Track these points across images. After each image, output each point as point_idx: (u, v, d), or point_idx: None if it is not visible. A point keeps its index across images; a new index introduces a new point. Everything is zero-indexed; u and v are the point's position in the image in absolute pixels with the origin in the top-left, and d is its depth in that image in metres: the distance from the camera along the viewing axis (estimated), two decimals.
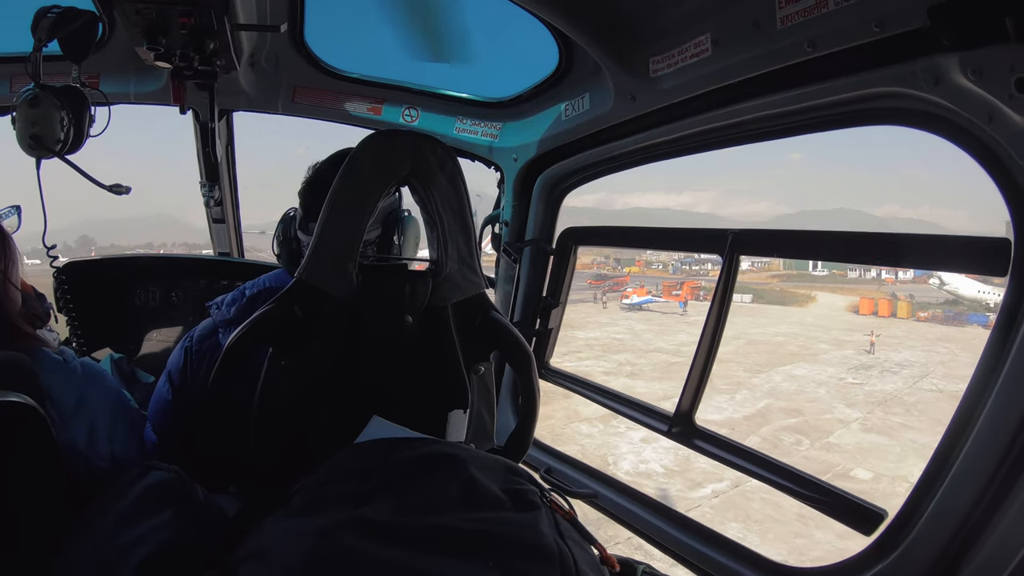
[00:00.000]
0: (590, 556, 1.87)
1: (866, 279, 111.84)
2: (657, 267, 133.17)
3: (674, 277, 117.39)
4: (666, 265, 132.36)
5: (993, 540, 2.31)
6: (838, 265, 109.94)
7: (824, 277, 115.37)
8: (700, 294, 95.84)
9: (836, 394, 49.86)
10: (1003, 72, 2.00)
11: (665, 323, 77.44)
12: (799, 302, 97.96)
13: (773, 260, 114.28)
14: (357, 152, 2.40)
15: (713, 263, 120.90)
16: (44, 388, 2.17)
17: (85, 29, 3.14)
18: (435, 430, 2.53)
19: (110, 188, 3.41)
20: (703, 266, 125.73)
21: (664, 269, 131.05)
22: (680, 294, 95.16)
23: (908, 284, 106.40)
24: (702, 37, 2.91)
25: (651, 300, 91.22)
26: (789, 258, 3.27)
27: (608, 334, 68.20)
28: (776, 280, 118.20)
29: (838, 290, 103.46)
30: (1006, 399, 2.28)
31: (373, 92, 4.79)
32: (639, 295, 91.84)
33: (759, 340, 66.11)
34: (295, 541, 1.65)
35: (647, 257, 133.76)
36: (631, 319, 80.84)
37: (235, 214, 5.88)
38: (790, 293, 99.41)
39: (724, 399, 44.69)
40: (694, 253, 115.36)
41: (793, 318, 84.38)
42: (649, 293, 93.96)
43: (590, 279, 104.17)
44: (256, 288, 2.90)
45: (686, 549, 3.57)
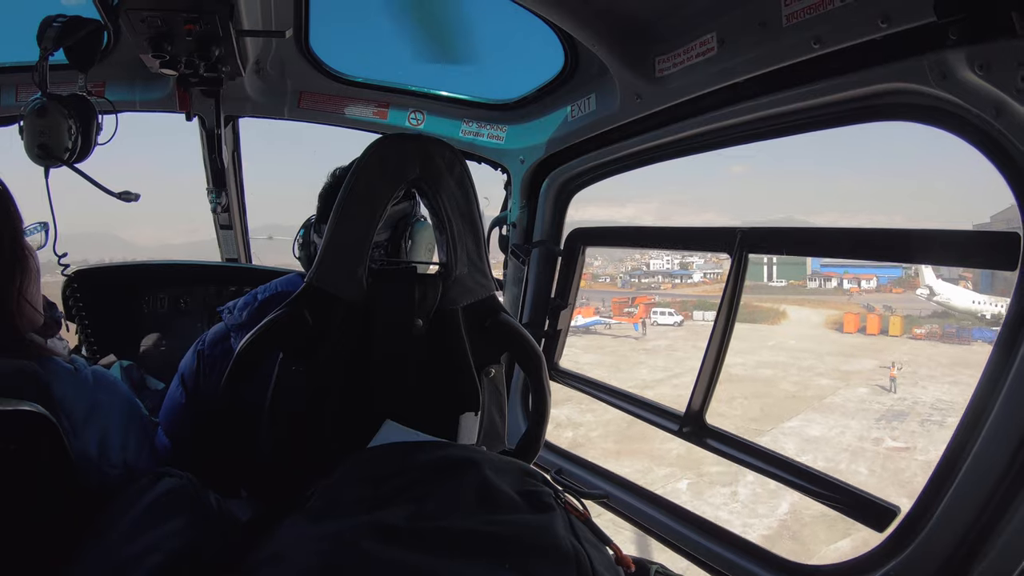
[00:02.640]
0: (605, 557, 1.87)
1: (827, 289, 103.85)
2: (605, 280, 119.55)
3: (623, 292, 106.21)
4: (614, 278, 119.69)
5: (1006, 536, 2.30)
6: (793, 274, 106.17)
7: (783, 288, 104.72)
8: (655, 313, 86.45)
9: (884, 472, 38.80)
10: (1010, 66, 2.00)
11: (619, 352, 67.27)
12: (769, 318, 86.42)
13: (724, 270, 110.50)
14: (365, 156, 2.40)
15: (664, 275, 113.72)
16: (56, 398, 2.17)
17: (91, 38, 3.16)
18: (447, 433, 2.53)
19: (119, 195, 3.43)
20: (654, 278, 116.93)
21: (612, 282, 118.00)
22: (635, 313, 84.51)
23: (874, 294, 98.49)
24: (708, 36, 2.90)
25: (599, 322, 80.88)
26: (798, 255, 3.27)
27: None
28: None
29: (805, 303, 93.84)
30: (1017, 396, 2.27)
31: (378, 96, 4.81)
32: (584, 315, 78.02)
33: (742, 376, 55.19)
34: (311, 546, 1.65)
35: (592, 270, 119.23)
36: (574, 347, 62.53)
37: (242, 220, 5.89)
38: (755, 308, 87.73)
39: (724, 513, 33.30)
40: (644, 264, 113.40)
41: (771, 340, 72.46)
42: (597, 312, 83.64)
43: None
44: (268, 292, 2.91)
45: (698, 548, 3.57)
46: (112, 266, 5.01)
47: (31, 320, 2.34)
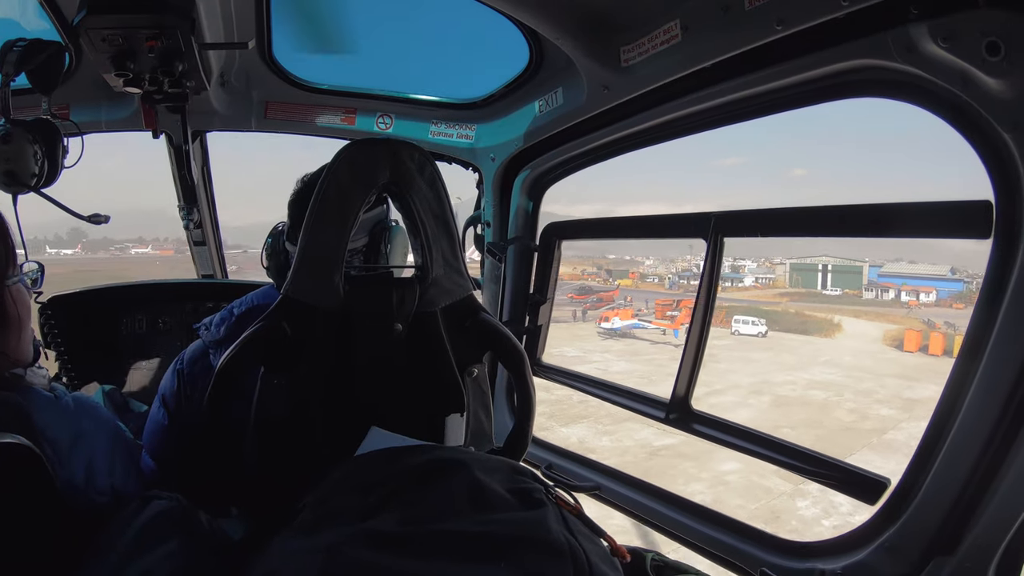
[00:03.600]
0: (601, 549, 1.87)
1: (884, 300, 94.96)
2: (653, 280, 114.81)
3: (670, 293, 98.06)
4: (663, 279, 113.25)
5: (996, 501, 2.33)
6: (849, 282, 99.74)
7: (837, 297, 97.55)
8: (737, 321, 76.61)
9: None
10: (974, 37, 2.02)
11: (656, 360, 57.67)
12: (822, 330, 78.13)
13: (778, 276, 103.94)
14: (335, 163, 2.39)
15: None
16: (38, 427, 2.14)
17: (52, 60, 3.12)
18: (433, 436, 2.53)
19: (88, 218, 3.39)
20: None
21: (661, 283, 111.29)
22: (676, 317, 72.29)
23: (933, 308, 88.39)
24: (671, 23, 2.91)
25: (638, 325, 72.65)
26: (772, 236, 3.27)
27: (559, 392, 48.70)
28: (786, 299, 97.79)
29: (861, 314, 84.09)
30: (998, 360, 2.30)
31: (345, 102, 4.80)
32: (622, 318, 72.94)
33: (791, 399, 47.81)
34: (306, 560, 1.64)
35: (643, 269, 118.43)
36: (609, 352, 62.91)
37: (215, 235, 5.86)
38: (808, 317, 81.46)
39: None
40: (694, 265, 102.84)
41: (824, 355, 63.26)
42: (636, 315, 75.61)
43: (573, 292, 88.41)
44: (244, 306, 2.88)
45: (692, 533, 3.59)
46: (86, 290, 4.95)
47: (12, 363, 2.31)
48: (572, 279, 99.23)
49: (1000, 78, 2.03)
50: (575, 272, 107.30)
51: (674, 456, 32.77)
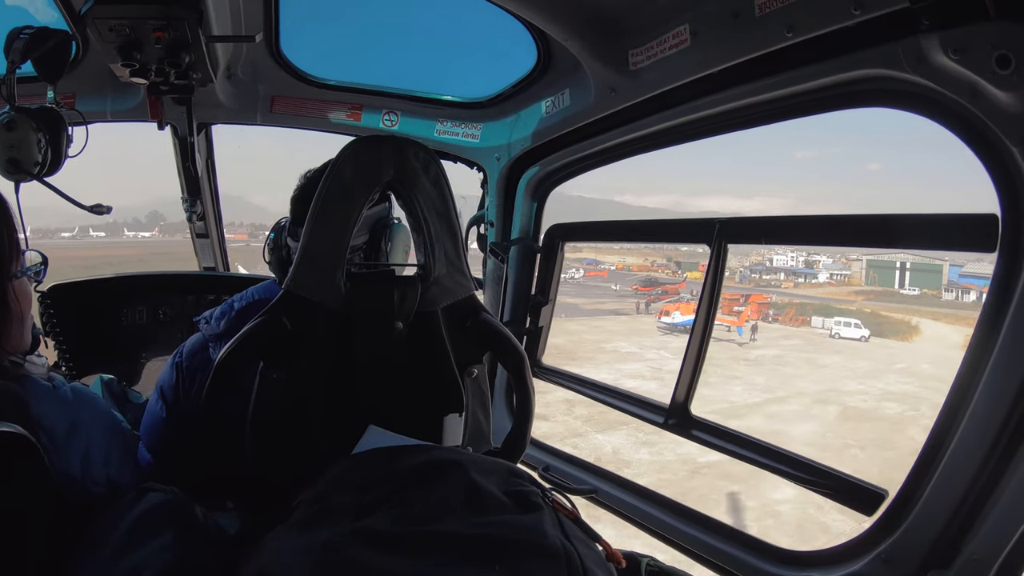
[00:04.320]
0: (596, 554, 1.86)
1: (966, 303, 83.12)
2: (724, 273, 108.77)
3: (740, 287, 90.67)
4: (734, 272, 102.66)
5: (995, 514, 2.33)
6: (928, 282, 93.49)
7: (916, 297, 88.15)
8: (770, 313, 75.16)
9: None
10: (984, 50, 2.02)
11: (714, 360, 48.40)
12: (899, 332, 70.03)
13: (854, 272, 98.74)
14: (340, 159, 2.39)
15: (787, 272, 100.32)
16: (35, 416, 2.13)
17: (59, 49, 3.11)
18: (431, 435, 2.52)
19: (91, 208, 3.38)
20: (775, 275, 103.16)
21: (731, 277, 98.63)
22: (741, 312, 67.74)
23: None
24: (680, 28, 2.90)
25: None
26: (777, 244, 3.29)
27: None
28: (860, 298, 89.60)
29: (940, 316, 74.88)
30: (1000, 375, 2.30)
31: (352, 98, 4.78)
32: (683, 312, 63.82)
33: (862, 412, 42.68)
34: (300, 557, 1.63)
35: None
36: (666, 348, 56.28)
37: (218, 228, 5.85)
38: (884, 319, 73.40)
39: None
40: (767, 260, 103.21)
41: (900, 361, 56.59)
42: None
43: (638, 284, 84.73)
44: (244, 301, 2.88)
45: (688, 539, 3.58)
46: (87, 280, 4.94)
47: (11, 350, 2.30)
48: (641, 270, 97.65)
49: (1010, 91, 2.02)
50: (645, 263, 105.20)
51: (719, 476, 29.37)
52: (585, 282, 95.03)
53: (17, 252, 2.28)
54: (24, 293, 2.33)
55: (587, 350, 53.71)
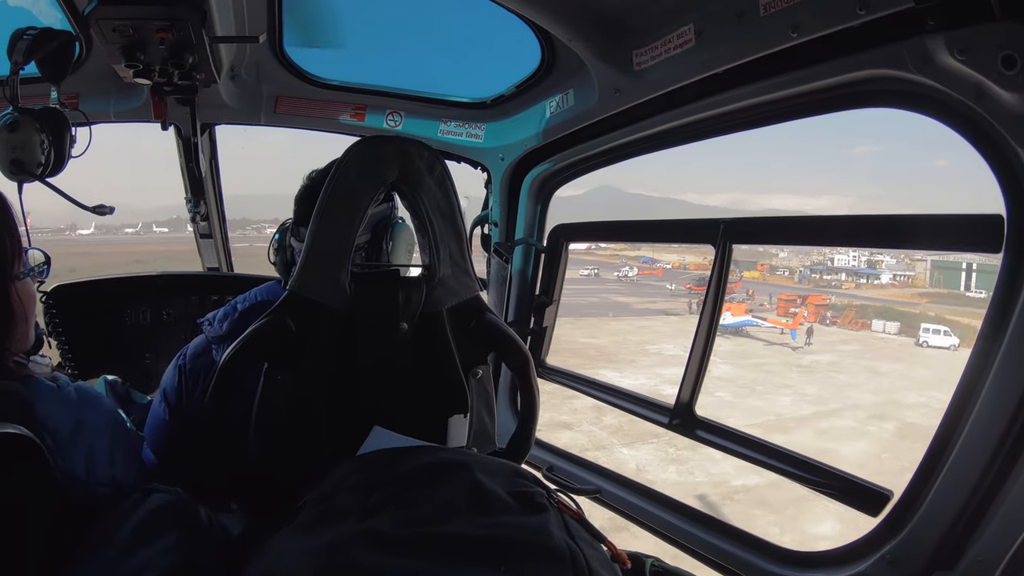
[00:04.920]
0: (601, 554, 1.86)
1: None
2: (783, 273, 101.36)
3: (798, 287, 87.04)
4: (793, 272, 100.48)
5: (1000, 515, 2.33)
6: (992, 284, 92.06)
7: (982, 300, 68.36)
8: (828, 315, 69.83)
9: None
10: (989, 50, 2.01)
11: (765, 366, 49.89)
12: (965, 339, 57.89)
13: (918, 273, 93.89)
14: (344, 160, 2.39)
15: (848, 273, 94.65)
16: (39, 417, 2.13)
17: (62, 50, 3.12)
18: (436, 436, 2.52)
19: (93, 209, 3.39)
20: (836, 275, 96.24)
21: (790, 277, 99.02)
22: (797, 314, 64.02)
23: None
24: (685, 28, 2.90)
25: (750, 323, 62.33)
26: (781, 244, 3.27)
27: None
28: (924, 300, 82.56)
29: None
30: (1005, 375, 2.30)
31: (355, 98, 4.78)
32: (734, 313, 60.90)
33: (920, 427, 35.95)
34: (305, 558, 1.63)
35: (775, 262, 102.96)
36: (715, 352, 21.76)
37: (222, 228, 5.86)
38: (950, 324, 64.37)
39: None
40: (828, 259, 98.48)
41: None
42: (751, 311, 65.19)
43: (691, 283, 79.04)
44: (248, 302, 2.87)
45: (692, 539, 3.58)
46: (90, 281, 4.95)
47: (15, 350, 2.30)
48: (699, 268, 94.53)
49: (1015, 92, 2.02)
50: (704, 262, 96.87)
51: (754, 503, 26.79)
52: (640, 280, 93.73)
53: (19, 253, 2.28)
54: (28, 294, 2.33)
55: (629, 352, 51.58)
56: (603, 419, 34.35)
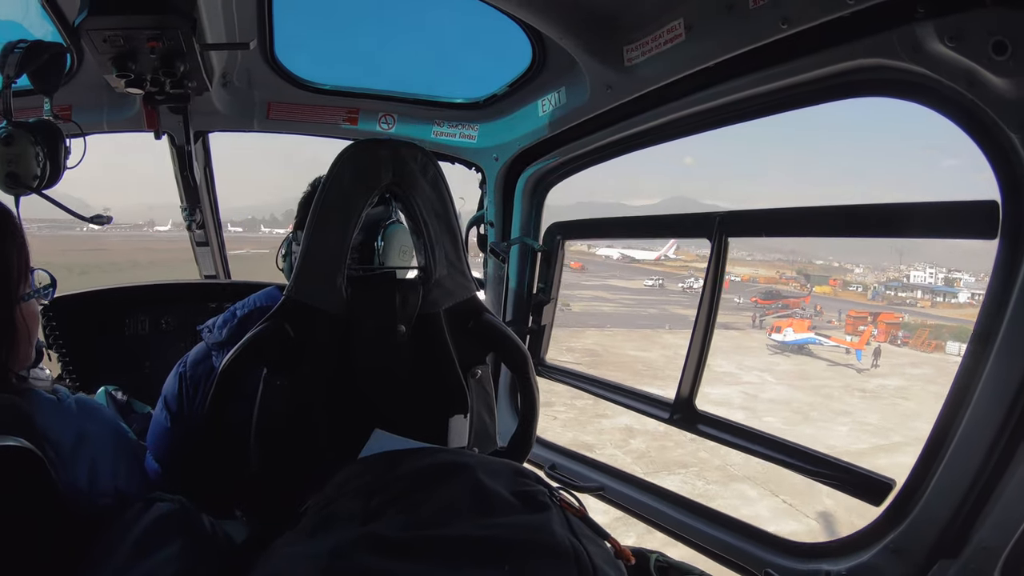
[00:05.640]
0: (605, 552, 1.85)
1: None
2: (856, 289, 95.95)
3: (870, 304, 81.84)
4: (867, 288, 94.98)
5: (1002, 503, 2.33)
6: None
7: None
8: (899, 335, 64.85)
9: None
10: (980, 36, 2.02)
11: (824, 389, 46.49)
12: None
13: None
14: (337, 164, 2.39)
15: (924, 291, 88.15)
16: (40, 430, 2.13)
17: (54, 62, 3.11)
18: (437, 437, 2.52)
19: (91, 219, 3.38)
20: (911, 293, 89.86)
21: (863, 293, 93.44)
22: (863, 332, 60.19)
23: None
24: (675, 23, 2.90)
25: (813, 340, 58.16)
26: (777, 236, 3.27)
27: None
28: None
29: None
30: (1004, 362, 2.30)
31: (348, 102, 4.78)
32: (796, 330, 58.61)
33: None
34: (308, 564, 1.63)
35: (850, 277, 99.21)
36: (771, 371, 50.55)
37: (218, 236, 5.85)
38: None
39: None
40: (904, 276, 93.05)
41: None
42: (814, 328, 60.74)
43: (757, 296, 76.84)
44: (247, 308, 2.88)
45: (696, 533, 3.58)
46: (89, 292, 4.95)
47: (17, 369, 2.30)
48: (769, 282, 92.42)
49: (1007, 77, 2.02)
50: (773, 275, 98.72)
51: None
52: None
53: (27, 273, 2.29)
54: (32, 314, 2.34)
55: (678, 367, 43.39)
56: (630, 442, 32.95)
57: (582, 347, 51.12)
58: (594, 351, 50.61)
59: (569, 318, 57.92)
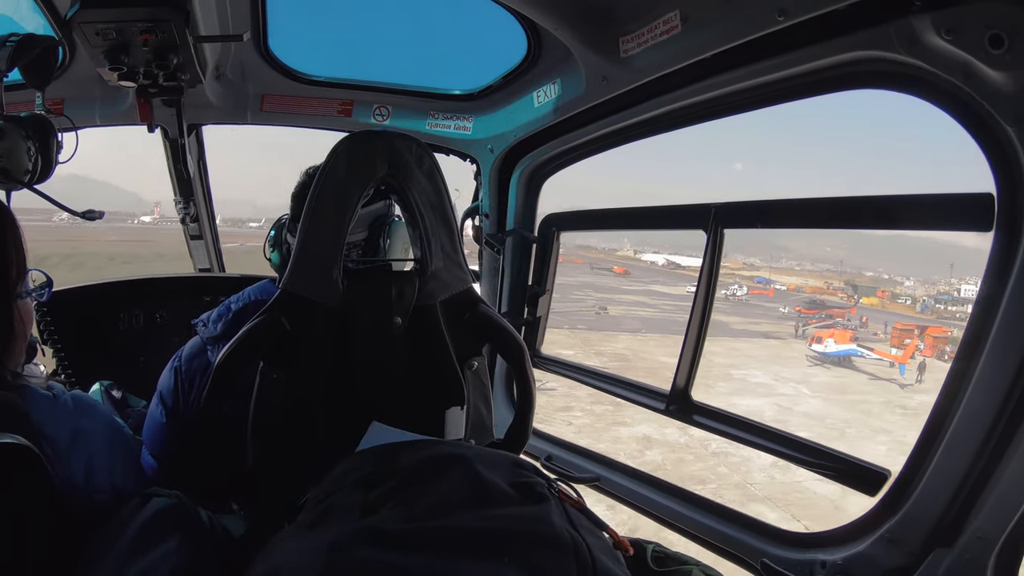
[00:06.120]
0: (603, 542, 1.86)
1: None
2: (905, 301, 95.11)
3: (919, 318, 79.73)
4: (916, 301, 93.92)
5: (996, 493, 2.35)
6: None
7: None
8: (947, 350, 60.82)
9: None
10: (977, 29, 2.02)
11: (864, 404, 45.13)
12: None
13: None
14: (333, 156, 2.39)
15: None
16: (36, 426, 2.12)
17: (46, 55, 3.09)
18: (434, 429, 2.53)
19: (83, 214, 3.37)
20: (962, 307, 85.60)
21: (912, 306, 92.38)
22: (908, 345, 59.43)
23: None
24: (671, 14, 2.90)
25: (855, 352, 56.89)
26: (773, 227, 3.28)
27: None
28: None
29: None
30: (999, 352, 2.32)
31: (342, 94, 4.76)
32: (837, 340, 57.44)
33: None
34: (308, 557, 1.63)
35: (901, 290, 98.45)
36: (807, 383, 48.90)
37: (212, 229, 5.83)
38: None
39: None
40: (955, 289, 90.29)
41: None
42: (856, 340, 59.57)
43: (800, 306, 76.97)
44: (241, 302, 2.87)
45: (693, 524, 3.60)
46: (83, 286, 4.93)
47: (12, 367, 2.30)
48: (816, 291, 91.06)
49: (1003, 71, 2.03)
50: (821, 285, 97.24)
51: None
52: (747, 300, 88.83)
53: (24, 271, 2.28)
54: (28, 312, 2.34)
55: (710, 376, 43.85)
56: (645, 453, 32.23)
57: (612, 351, 50.27)
58: (623, 355, 49.76)
59: (605, 322, 57.22)
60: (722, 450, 32.30)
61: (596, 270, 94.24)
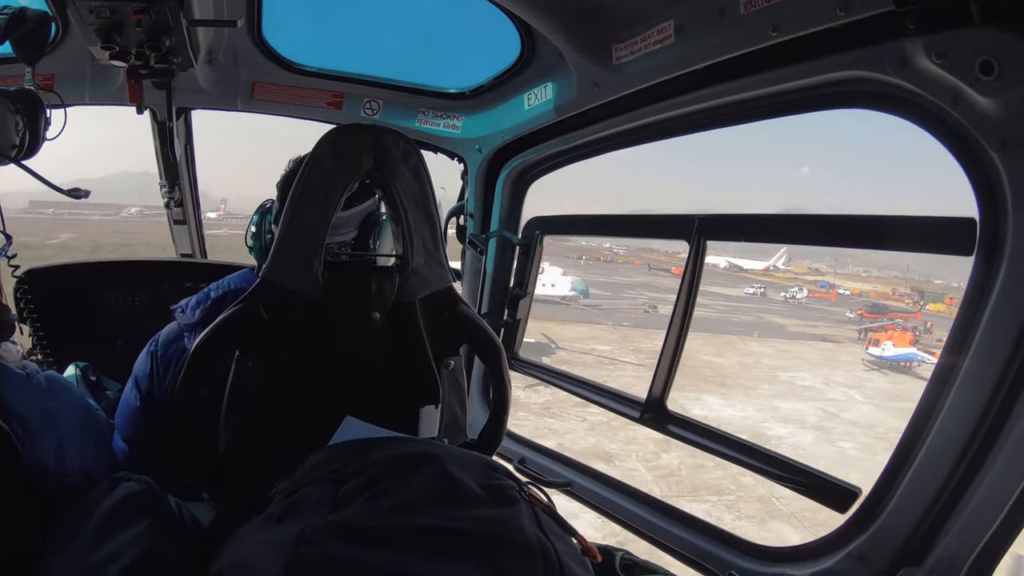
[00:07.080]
0: (571, 548, 1.87)
1: None
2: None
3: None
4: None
5: (966, 513, 2.36)
6: None
7: None
8: None
9: None
10: (968, 55, 2.04)
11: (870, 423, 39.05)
12: None
13: None
14: (319, 148, 2.39)
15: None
16: (8, 405, 2.11)
17: (38, 30, 3.07)
18: (407, 427, 2.52)
19: (68, 192, 3.35)
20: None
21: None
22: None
23: None
24: (665, 24, 2.91)
25: (914, 356, 52.67)
26: (755, 241, 3.29)
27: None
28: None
29: None
30: (974, 375, 2.33)
31: (333, 86, 4.75)
32: (896, 344, 54.13)
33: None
34: (274, 550, 1.62)
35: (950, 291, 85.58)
36: (860, 388, 46.48)
37: (196, 214, 5.79)
38: None
39: None
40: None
41: None
42: (916, 344, 55.49)
43: (863, 310, 73.38)
44: (221, 290, 2.86)
45: (662, 533, 3.60)
46: (64, 265, 4.89)
47: None
48: (881, 296, 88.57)
49: (991, 97, 2.04)
50: (887, 291, 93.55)
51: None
52: (807, 303, 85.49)
53: None
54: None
55: (752, 377, 44.78)
56: (661, 456, 31.13)
57: (652, 348, 45.94)
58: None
59: (652, 320, 56.39)
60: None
61: (654, 271, 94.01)
